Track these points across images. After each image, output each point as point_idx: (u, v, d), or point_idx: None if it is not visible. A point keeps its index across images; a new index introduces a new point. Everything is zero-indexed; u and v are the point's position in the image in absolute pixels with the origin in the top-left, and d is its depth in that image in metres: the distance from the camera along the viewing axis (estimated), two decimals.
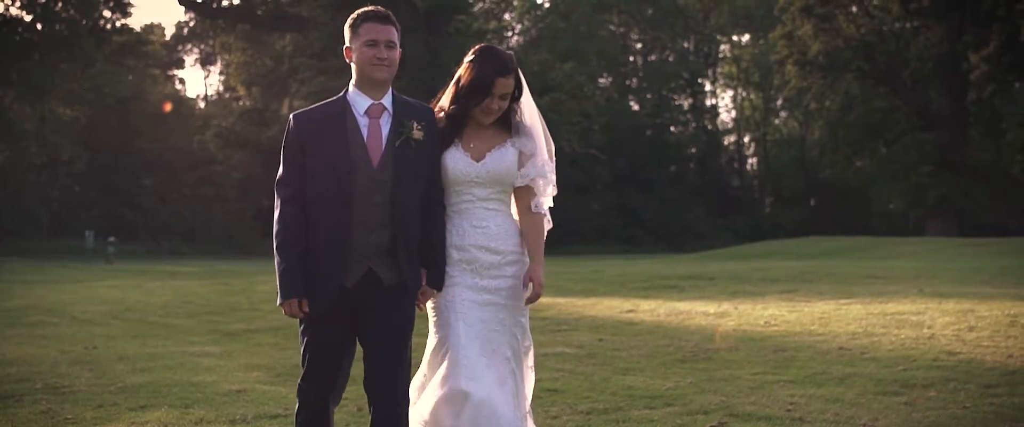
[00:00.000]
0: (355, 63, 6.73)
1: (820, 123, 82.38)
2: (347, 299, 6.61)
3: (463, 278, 6.99)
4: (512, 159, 7.06)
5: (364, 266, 6.60)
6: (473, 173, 6.98)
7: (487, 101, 6.94)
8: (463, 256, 6.99)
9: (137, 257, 69.28)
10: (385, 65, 6.69)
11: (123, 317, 20.45)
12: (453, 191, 7.03)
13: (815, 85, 77.09)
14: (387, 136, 6.68)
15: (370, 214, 6.58)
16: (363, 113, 6.70)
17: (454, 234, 7.02)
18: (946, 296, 18.83)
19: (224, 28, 79.05)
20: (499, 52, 7.13)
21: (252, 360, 13.66)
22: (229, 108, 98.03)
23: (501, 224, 7.07)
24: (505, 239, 7.05)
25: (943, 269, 27.94)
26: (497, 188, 7.06)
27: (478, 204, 7.04)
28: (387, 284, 6.66)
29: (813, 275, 25.98)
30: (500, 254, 7.02)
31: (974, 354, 11.99)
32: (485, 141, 7.06)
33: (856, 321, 15.45)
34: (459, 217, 7.05)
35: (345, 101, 6.78)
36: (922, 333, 13.86)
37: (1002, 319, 14.71)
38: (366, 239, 6.58)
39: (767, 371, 11.59)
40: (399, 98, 6.87)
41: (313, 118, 6.75)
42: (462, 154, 6.99)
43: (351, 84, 6.84)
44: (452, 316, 6.92)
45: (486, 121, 7.02)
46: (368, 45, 6.66)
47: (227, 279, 33.27)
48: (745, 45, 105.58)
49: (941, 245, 46.08)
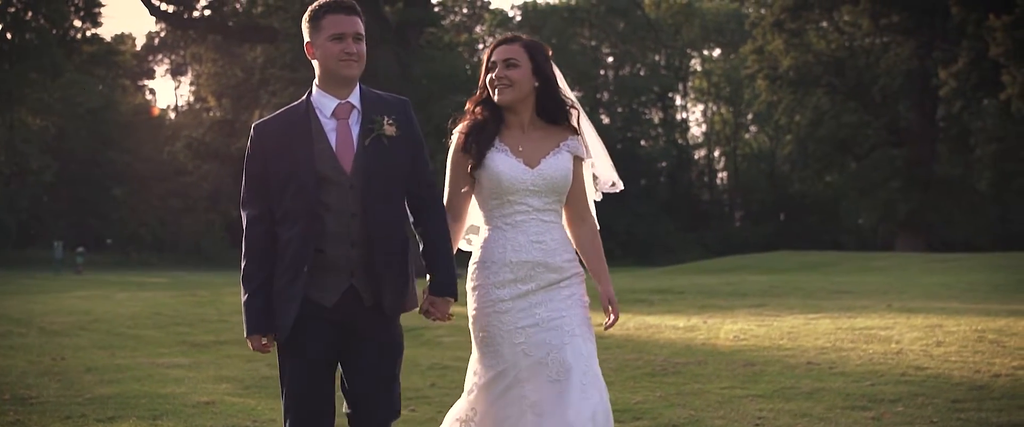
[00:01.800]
0: (319, 61, 6.08)
1: (790, 138, 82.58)
2: (327, 321, 5.96)
3: (516, 299, 6.30)
4: (567, 164, 6.45)
5: (345, 283, 5.95)
6: (528, 181, 6.35)
7: (491, 73, 6.43)
8: (518, 275, 6.32)
9: (106, 267, 69.12)
10: (354, 60, 6.05)
11: (91, 328, 20.39)
12: (505, 201, 6.37)
13: (785, 100, 77.29)
14: (357, 137, 6.03)
15: (348, 226, 5.93)
16: (329, 115, 6.04)
17: (509, 250, 6.33)
18: (914, 311, 18.89)
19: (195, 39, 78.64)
20: (506, 33, 6.75)
21: (221, 372, 13.64)
22: (199, 119, 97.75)
23: (558, 238, 6.43)
24: (562, 254, 6.40)
25: (911, 284, 28.03)
26: (553, 197, 6.43)
27: (534, 216, 6.38)
28: (369, 304, 5.99)
29: (782, 290, 26.03)
30: (558, 271, 6.37)
31: (942, 369, 12.03)
32: (536, 144, 6.46)
33: (825, 336, 15.50)
34: (514, 230, 6.36)
35: (308, 104, 6.11)
36: (890, 348, 13.91)
37: (970, 334, 14.77)
38: (347, 253, 5.93)
39: (736, 385, 11.63)
40: (369, 93, 6.19)
41: (273, 126, 6.10)
42: (514, 160, 6.36)
43: (314, 84, 6.17)
44: (508, 348, 6.24)
45: (498, 99, 6.41)
46: (334, 40, 6.01)
47: (196, 290, 33.20)
48: (716, 59, 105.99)
49: (910, 260, 46.24)
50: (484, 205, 6.48)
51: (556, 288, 6.36)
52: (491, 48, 6.52)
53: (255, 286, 6.03)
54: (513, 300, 6.31)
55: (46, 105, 79.81)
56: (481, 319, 6.37)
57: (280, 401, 6.13)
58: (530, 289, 6.31)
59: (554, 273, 6.35)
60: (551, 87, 6.52)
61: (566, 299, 6.36)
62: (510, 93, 6.41)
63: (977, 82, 64.39)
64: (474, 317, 6.40)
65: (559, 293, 6.35)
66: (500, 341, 6.28)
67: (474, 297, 6.40)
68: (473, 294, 6.40)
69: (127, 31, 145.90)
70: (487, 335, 6.33)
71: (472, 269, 6.44)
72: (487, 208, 6.46)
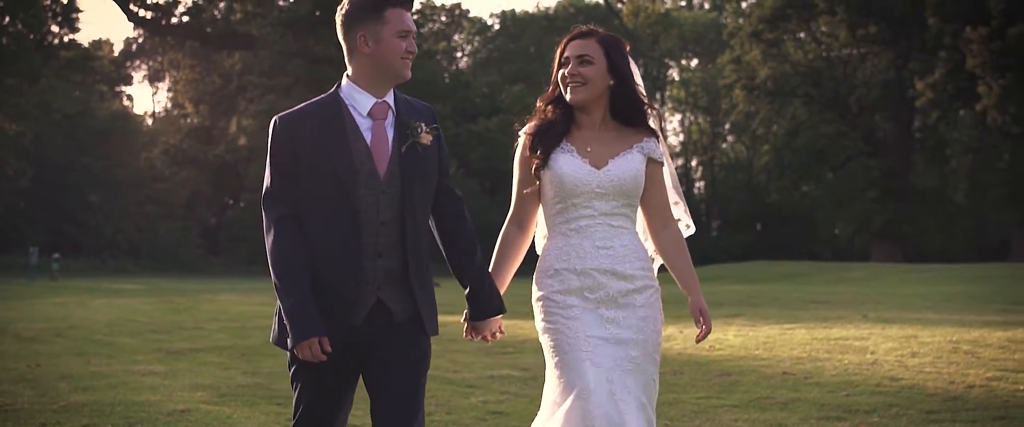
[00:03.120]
0: (372, 55, 5.56)
1: (767, 148, 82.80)
2: (353, 337, 5.51)
3: (586, 309, 5.85)
4: (639, 166, 5.96)
5: (372, 297, 5.50)
6: (594, 182, 5.89)
7: (564, 69, 5.99)
8: (586, 283, 5.87)
9: (82, 274, 68.90)
10: (411, 60, 5.64)
11: (67, 335, 20.33)
12: (570, 204, 5.93)
13: (763, 110, 77.52)
14: (392, 140, 5.57)
15: (378, 234, 5.50)
16: (365, 114, 5.58)
17: (573, 257, 5.91)
18: (889, 322, 18.95)
19: (173, 45, 78.77)
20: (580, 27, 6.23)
21: (196, 380, 13.60)
22: (177, 125, 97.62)
23: (628, 244, 5.95)
24: (634, 261, 5.92)
25: (887, 295, 28.12)
26: (622, 201, 5.94)
27: (601, 220, 5.92)
28: (399, 319, 5.55)
29: (758, 299, 26.09)
30: (629, 280, 5.89)
31: (916, 380, 12.07)
32: (606, 146, 5.99)
33: (800, 346, 15.53)
34: (578, 236, 5.93)
35: (339, 100, 5.61)
36: (865, 358, 13.94)
37: (944, 345, 14.82)
38: (374, 264, 5.49)
39: (711, 395, 11.64)
40: (400, 96, 5.73)
41: (304, 120, 5.57)
42: (579, 160, 5.92)
43: (347, 79, 5.67)
44: (575, 357, 5.75)
45: (572, 98, 5.95)
46: (401, 36, 5.53)
47: (172, 297, 33.14)
48: (694, 69, 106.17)
49: (885, 271, 46.39)
50: (548, 209, 6.08)
51: (630, 304, 5.89)
52: (564, 42, 6.12)
53: (301, 288, 5.47)
54: (582, 309, 5.87)
55: (22, 111, 79.54)
56: (550, 329, 5.93)
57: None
58: (599, 298, 5.87)
59: (624, 281, 5.89)
60: (627, 86, 6.09)
61: (642, 321, 5.90)
62: (583, 92, 6.00)
63: (953, 93, 64.72)
64: (542, 328, 5.97)
65: (634, 312, 5.88)
66: (569, 348, 5.79)
67: (539, 308, 6.01)
68: (538, 306, 6.02)
69: (105, 37, 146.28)
70: (556, 344, 5.87)
71: (535, 279, 6.07)
72: (550, 212, 6.07)
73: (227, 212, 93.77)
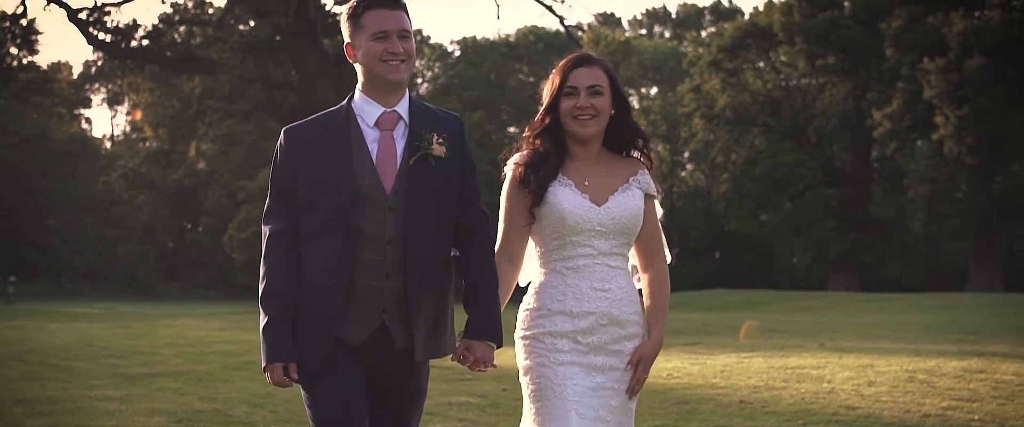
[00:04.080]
0: (361, 64, 5.40)
1: (726, 176, 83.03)
2: (358, 358, 5.27)
3: (577, 355, 5.55)
4: (639, 203, 5.68)
5: (375, 320, 5.25)
6: (595, 220, 5.57)
7: (571, 102, 5.61)
8: (579, 326, 5.55)
9: (38, 297, 68.47)
10: (400, 61, 5.34)
11: (23, 359, 20.19)
12: (569, 242, 5.59)
13: (722, 139, 77.79)
14: (402, 153, 5.31)
15: (385, 252, 5.22)
16: (372, 124, 5.34)
17: (570, 298, 5.56)
18: (846, 351, 19.02)
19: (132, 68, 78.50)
20: (579, 51, 5.90)
21: (153, 405, 13.53)
22: (135, 149, 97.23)
23: (625, 286, 5.68)
24: (630, 306, 5.67)
25: (844, 324, 28.23)
26: (621, 239, 5.65)
27: (599, 260, 5.60)
28: (399, 346, 5.31)
29: (716, 328, 26.16)
30: (623, 326, 5.63)
31: (872, 409, 12.12)
32: (604, 179, 5.66)
33: (757, 374, 15.57)
34: (575, 276, 5.59)
35: (349, 110, 5.41)
36: (822, 387, 13.99)
37: (901, 374, 14.88)
38: (379, 285, 5.23)
39: (669, 423, 11.65)
40: (419, 105, 5.47)
41: (309, 133, 5.38)
42: (579, 196, 5.58)
43: (357, 89, 5.47)
44: (561, 406, 5.47)
45: (582, 131, 5.62)
46: (377, 39, 5.30)
47: (129, 322, 32.96)
48: (653, 97, 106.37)
49: (842, 300, 46.58)
50: (542, 245, 5.70)
51: (619, 352, 5.62)
52: (565, 70, 5.72)
53: (279, 308, 5.28)
54: (573, 355, 5.55)
55: None
56: (535, 370, 5.61)
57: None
58: (591, 345, 5.57)
59: (618, 328, 5.62)
60: (626, 114, 5.79)
61: (624, 357, 5.65)
62: (594, 125, 5.65)
63: (911, 124, 65.14)
64: (525, 368, 5.66)
65: (623, 360, 5.63)
66: (552, 395, 5.50)
67: (524, 347, 5.68)
68: (524, 344, 5.68)
69: (64, 59, 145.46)
70: (538, 388, 5.57)
71: (523, 316, 5.71)
72: (545, 249, 5.69)
73: (185, 236, 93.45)
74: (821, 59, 70.96)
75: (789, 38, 71.15)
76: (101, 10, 56.38)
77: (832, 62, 70.59)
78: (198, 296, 78.58)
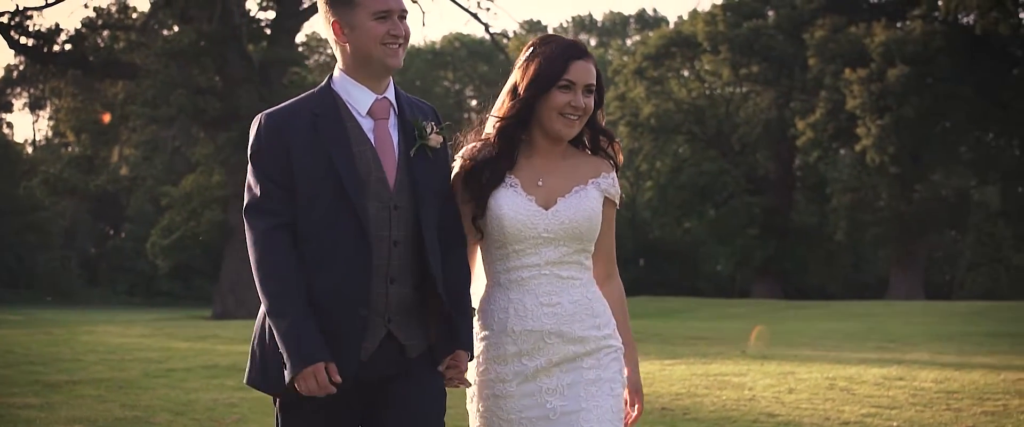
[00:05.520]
0: (351, 45, 4.78)
1: (650, 184, 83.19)
2: (358, 375, 4.70)
3: (522, 382, 4.90)
4: (594, 205, 4.98)
5: (382, 329, 4.72)
6: (541, 226, 4.89)
7: (565, 98, 4.92)
8: (524, 347, 4.89)
9: None
10: (401, 45, 4.81)
11: None
12: (511, 251, 4.94)
13: (646, 146, 77.96)
14: (398, 145, 4.80)
15: (390, 255, 4.69)
16: (364, 113, 4.79)
17: (512, 315, 4.91)
18: (768, 358, 19.15)
19: (55, 73, 77.79)
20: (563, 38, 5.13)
21: (73, 413, 13.44)
22: (57, 155, 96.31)
23: (579, 299, 4.96)
24: (585, 320, 4.94)
25: (766, 331, 28.40)
26: (574, 246, 4.95)
27: (546, 270, 4.92)
28: (411, 355, 4.79)
29: (640, 335, 26.19)
30: (579, 343, 4.91)
31: (793, 416, 12.22)
32: (561, 178, 5.00)
33: (680, 382, 15.65)
34: (519, 290, 4.92)
35: (333, 95, 4.80)
36: (743, 394, 14.09)
37: (821, 382, 15.01)
38: (385, 291, 4.69)
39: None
40: (402, 93, 4.95)
41: (294, 118, 4.73)
42: (523, 198, 4.92)
43: (338, 71, 4.87)
44: None
45: (568, 132, 4.98)
46: (379, 19, 4.70)
47: (50, 328, 32.64)
48: None
49: (765, 307, 46.87)
50: (486, 253, 5.09)
51: (576, 368, 4.92)
52: (562, 59, 4.99)
53: (300, 305, 4.59)
54: (518, 382, 4.92)
55: None
56: (478, 402, 5.09)
57: None
58: (539, 366, 4.89)
59: (573, 345, 4.91)
60: (598, 112, 5.16)
61: (590, 385, 4.93)
62: (579, 127, 5.05)
63: (833, 133, 65.62)
64: (471, 397, 5.16)
65: (581, 375, 4.92)
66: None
67: (472, 372, 5.11)
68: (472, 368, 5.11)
69: None
70: (485, 423, 5.03)
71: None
72: (488, 258, 5.07)
73: (108, 242, 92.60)
74: (745, 68, 71.34)
75: (713, 47, 71.45)
76: (23, 14, 55.82)
77: (756, 71, 70.99)
78: (121, 303, 77.94)
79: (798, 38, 67.84)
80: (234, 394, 14.63)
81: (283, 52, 53.96)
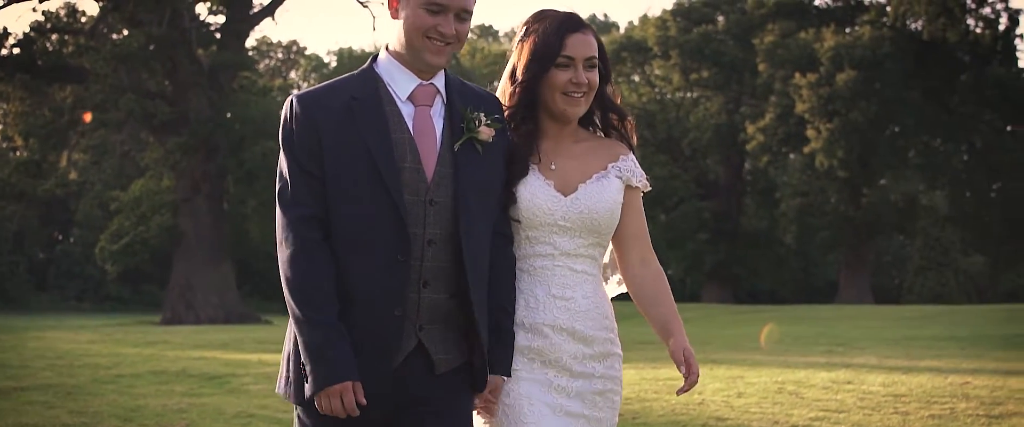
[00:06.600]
0: (401, 26, 4.38)
1: None
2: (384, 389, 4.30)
3: (532, 372, 4.61)
4: (615, 196, 4.68)
5: (412, 340, 4.31)
6: (559, 213, 4.59)
7: (565, 75, 4.58)
8: (533, 342, 4.61)
9: None
10: (448, 45, 4.37)
11: None
12: (523, 237, 4.64)
13: None
14: (441, 134, 4.37)
15: (424, 256, 4.28)
16: (405, 98, 4.38)
17: (522, 306, 4.63)
18: (717, 362, 19.19)
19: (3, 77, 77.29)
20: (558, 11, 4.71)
21: (21, 419, 13.35)
22: (5, 159, 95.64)
23: (591, 295, 4.73)
24: (597, 319, 4.73)
25: (716, 335, 28.48)
26: (590, 239, 4.67)
27: (561, 262, 4.64)
28: (439, 370, 4.37)
29: None
30: (587, 343, 4.67)
31: (742, 420, 12.25)
32: (576, 163, 4.70)
33: (629, 386, 15.65)
34: (530, 279, 4.65)
35: (375, 77, 4.41)
36: (692, 399, 14.11)
37: (770, 386, 15.06)
38: (417, 297, 4.29)
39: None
40: (454, 79, 4.51)
41: (331, 99, 4.33)
42: (541, 181, 4.61)
43: (384, 53, 4.48)
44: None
45: (574, 112, 4.66)
46: (431, 11, 4.29)
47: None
48: None
49: (715, 311, 46.99)
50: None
51: (586, 375, 4.69)
52: (556, 33, 4.63)
53: (332, 313, 4.22)
54: (527, 371, 4.62)
55: None
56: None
57: None
58: (550, 361, 4.65)
59: (582, 344, 4.67)
60: (605, 86, 4.82)
61: (598, 397, 4.75)
62: (586, 104, 4.72)
63: (783, 137, 65.91)
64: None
65: (590, 385, 4.70)
66: (509, 421, 4.58)
67: None
68: None
69: None
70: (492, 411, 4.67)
71: None
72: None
73: (56, 247, 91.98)
74: (695, 73, 71.59)
75: (664, 52, 71.68)
76: None
77: (706, 76, 71.25)
78: (69, 308, 77.43)
79: (748, 43, 68.12)
80: (182, 400, 14.58)
81: (233, 56, 53.71)
